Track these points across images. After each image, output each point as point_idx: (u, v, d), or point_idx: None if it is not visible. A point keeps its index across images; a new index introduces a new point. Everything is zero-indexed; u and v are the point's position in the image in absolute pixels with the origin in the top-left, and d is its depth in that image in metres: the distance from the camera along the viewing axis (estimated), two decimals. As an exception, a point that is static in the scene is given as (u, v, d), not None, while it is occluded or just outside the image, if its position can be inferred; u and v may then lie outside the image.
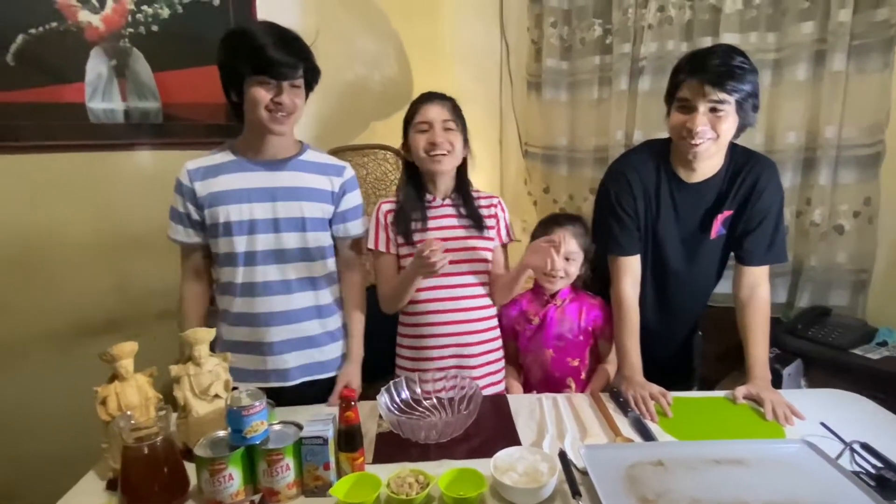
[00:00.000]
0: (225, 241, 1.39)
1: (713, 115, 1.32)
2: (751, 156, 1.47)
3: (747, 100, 1.32)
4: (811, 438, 1.16)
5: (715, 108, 1.32)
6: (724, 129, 1.34)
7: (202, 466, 1.03)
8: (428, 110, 1.47)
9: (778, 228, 1.47)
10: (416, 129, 1.47)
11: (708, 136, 1.34)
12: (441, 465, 1.14)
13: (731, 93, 1.30)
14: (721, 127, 1.33)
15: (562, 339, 1.59)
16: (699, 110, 1.32)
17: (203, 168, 1.39)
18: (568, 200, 2.65)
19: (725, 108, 1.31)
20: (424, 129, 1.46)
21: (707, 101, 1.31)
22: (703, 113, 1.32)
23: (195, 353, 1.20)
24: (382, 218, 1.51)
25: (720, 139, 1.35)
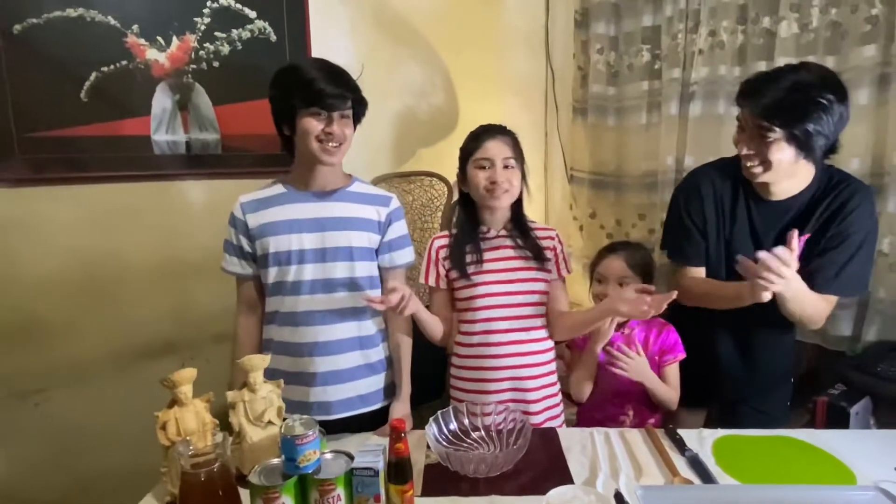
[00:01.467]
0: (274, 270, 1.42)
1: (761, 139, 1.26)
2: (846, 179, 1.37)
3: (808, 137, 1.22)
4: (884, 484, 1.09)
5: (762, 134, 1.26)
6: (777, 159, 1.26)
7: (256, 494, 1.04)
8: (489, 147, 1.46)
9: (854, 258, 1.34)
10: (476, 164, 1.46)
11: (758, 161, 1.27)
12: (492, 501, 1.12)
13: (781, 127, 1.23)
14: (771, 154, 1.26)
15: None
16: (746, 133, 1.28)
17: (255, 201, 1.44)
18: (615, 226, 2.61)
19: (772, 136, 1.24)
20: (485, 165, 1.45)
21: (753, 126, 1.27)
22: (751, 136, 1.27)
23: (250, 380, 1.23)
24: (434, 254, 1.52)
25: (773, 167, 1.27)
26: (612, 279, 1.57)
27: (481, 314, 1.49)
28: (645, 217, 2.45)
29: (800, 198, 1.37)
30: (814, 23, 1.92)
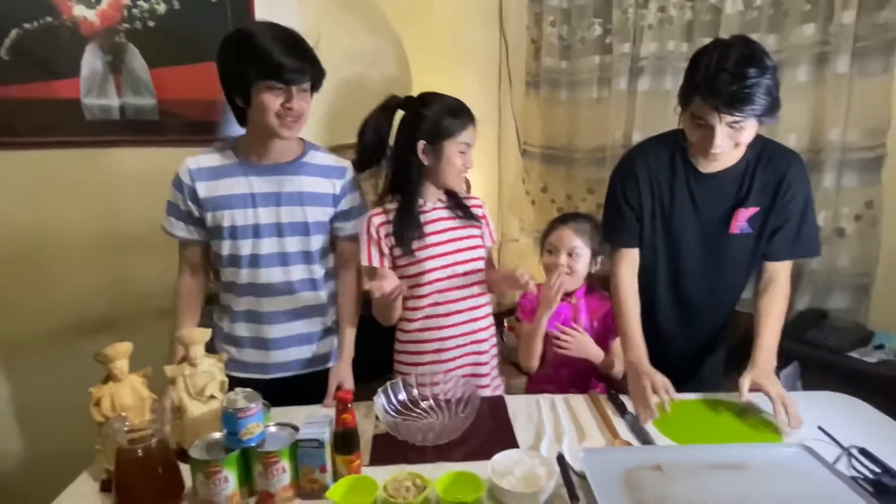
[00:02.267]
0: (229, 243, 1.40)
1: (731, 129, 1.25)
2: (776, 149, 1.40)
3: (767, 111, 1.24)
4: (809, 442, 1.16)
5: (733, 126, 1.24)
6: (745, 137, 1.27)
7: (197, 469, 1.02)
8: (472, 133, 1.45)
9: (804, 222, 1.40)
10: (458, 147, 1.43)
11: (728, 147, 1.28)
12: (438, 467, 1.13)
13: (750, 115, 1.22)
14: (741, 137, 1.26)
15: None
16: (717, 132, 1.25)
17: (205, 169, 1.39)
18: (566, 200, 2.65)
19: (744, 123, 1.24)
20: (464, 150, 1.44)
21: (723, 123, 1.24)
22: (721, 131, 1.25)
23: (191, 354, 1.19)
24: (375, 232, 1.46)
25: (741, 146, 1.30)
26: (563, 249, 1.59)
27: (428, 289, 1.48)
28: (594, 191, 2.50)
29: (736, 168, 1.40)
30: (758, 1, 1.97)
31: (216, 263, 1.46)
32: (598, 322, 1.61)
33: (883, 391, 1.55)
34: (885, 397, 1.46)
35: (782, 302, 1.42)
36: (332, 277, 1.53)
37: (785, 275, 1.44)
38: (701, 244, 1.47)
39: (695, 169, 1.42)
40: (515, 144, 2.84)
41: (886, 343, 1.74)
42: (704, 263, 1.49)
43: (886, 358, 1.69)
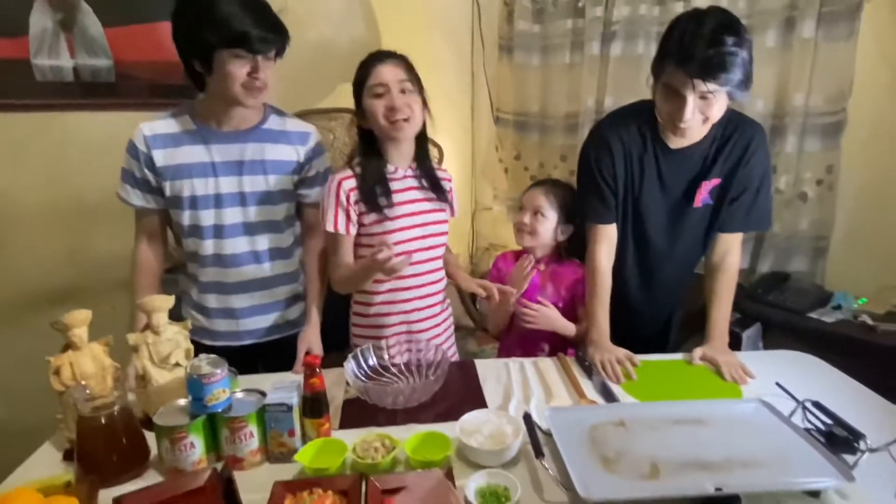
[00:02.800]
0: (190, 214, 1.36)
1: (703, 101, 1.22)
2: (741, 120, 1.40)
3: (739, 85, 1.21)
4: (767, 398, 1.19)
5: (705, 96, 1.22)
6: (715, 113, 1.25)
7: (162, 435, 1.01)
8: (382, 72, 1.34)
9: (759, 195, 1.42)
10: (371, 93, 1.35)
11: (697, 120, 1.26)
12: (408, 429, 1.14)
13: (724, 84, 1.19)
14: (711, 111, 1.24)
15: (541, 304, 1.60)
16: (688, 102, 1.22)
17: (162, 136, 1.33)
18: (539, 168, 2.64)
19: (716, 95, 1.21)
20: (380, 92, 1.34)
21: (696, 92, 1.20)
22: (692, 101, 1.22)
23: (153, 322, 1.17)
24: (345, 197, 1.38)
25: (710, 121, 1.28)
26: (528, 208, 1.61)
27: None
28: (566, 158, 2.49)
29: (703, 144, 1.40)
30: (728, -36, 1.95)
31: (179, 233, 1.42)
32: (566, 290, 1.63)
33: (840, 349, 1.61)
34: (841, 355, 1.52)
35: (733, 279, 1.47)
36: (300, 244, 1.51)
37: (736, 249, 1.48)
38: (667, 218, 1.49)
39: (663, 144, 1.41)
40: (489, 111, 2.80)
41: (844, 303, 1.80)
42: (669, 236, 1.51)
43: (844, 317, 1.76)
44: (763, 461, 0.97)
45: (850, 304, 1.80)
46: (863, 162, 1.87)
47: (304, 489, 0.94)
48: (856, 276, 1.91)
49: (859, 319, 1.71)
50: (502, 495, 0.93)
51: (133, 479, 1.01)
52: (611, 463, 0.98)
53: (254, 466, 1.05)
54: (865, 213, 1.91)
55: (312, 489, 0.93)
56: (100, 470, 0.99)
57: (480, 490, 0.95)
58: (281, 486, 0.95)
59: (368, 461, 1.00)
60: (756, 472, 0.95)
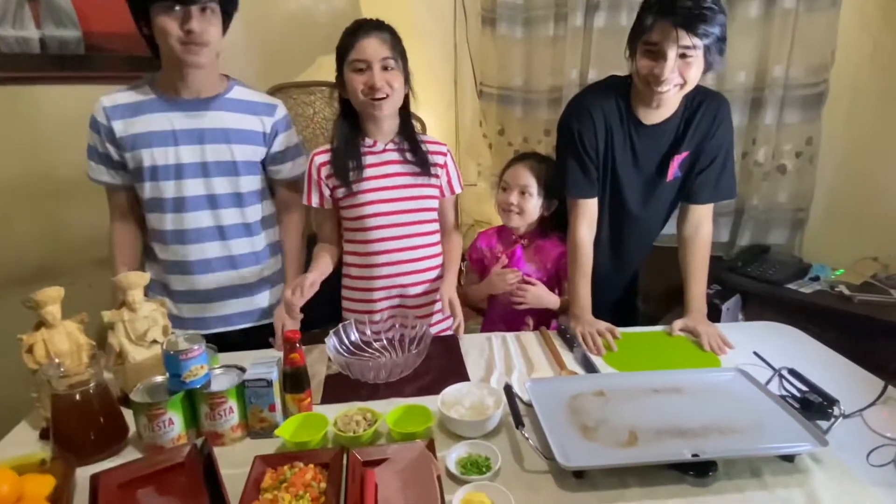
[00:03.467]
0: (151, 185, 1.32)
1: (682, 60, 1.25)
2: (706, 94, 1.42)
3: (716, 44, 1.25)
4: (744, 367, 1.21)
5: (684, 55, 1.24)
6: (692, 76, 1.28)
7: (139, 412, 1.00)
8: (364, 46, 1.30)
9: (725, 166, 1.45)
10: (352, 67, 1.31)
11: (675, 83, 1.28)
12: (390, 403, 1.14)
13: (703, 37, 1.21)
14: (689, 73, 1.27)
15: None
16: (669, 56, 1.24)
17: (122, 106, 1.29)
18: (522, 143, 2.62)
19: (695, 54, 1.24)
20: (361, 67, 1.30)
21: (677, 47, 1.23)
22: (673, 59, 1.24)
23: (129, 299, 1.15)
24: (316, 172, 1.39)
25: (687, 86, 1.29)
26: (514, 187, 1.58)
27: (373, 234, 1.42)
28: (550, 133, 2.47)
29: (673, 119, 1.41)
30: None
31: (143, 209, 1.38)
32: (551, 264, 1.62)
33: (817, 319, 1.65)
34: (819, 325, 1.56)
35: (707, 252, 1.51)
36: (270, 225, 1.46)
37: (708, 221, 1.51)
38: (641, 191, 1.51)
39: (636, 120, 1.42)
40: (472, 85, 2.76)
41: (822, 275, 1.83)
42: (642, 210, 1.53)
43: (821, 288, 1.78)
44: (739, 428, 0.99)
45: (827, 276, 1.83)
46: (843, 134, 1.88)
47: (284, 463, 0.93)
48: (833, 248, 1.94)
49: (836, 290, 1.74)
50: (483, 465, 0.94)
51: (111, 457, 1.01)
52: (590, 431, 0.99)
53: (234, 442, 1.05)
54: (844, 185, 1.92)
55: (293, 463, 0.93)
56: (76, 448, 0.98)
57: (461, 460, 0.95)
58: (261, 461, 0.94)
59: (350, 434, 1.00)
60: (732, 438, 0.96)
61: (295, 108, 2.22)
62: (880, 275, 1.80)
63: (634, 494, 0.89)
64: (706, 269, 1.51)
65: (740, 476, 0.92)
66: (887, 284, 1.74)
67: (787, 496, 0.88)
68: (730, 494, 0.89)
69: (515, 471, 0.95)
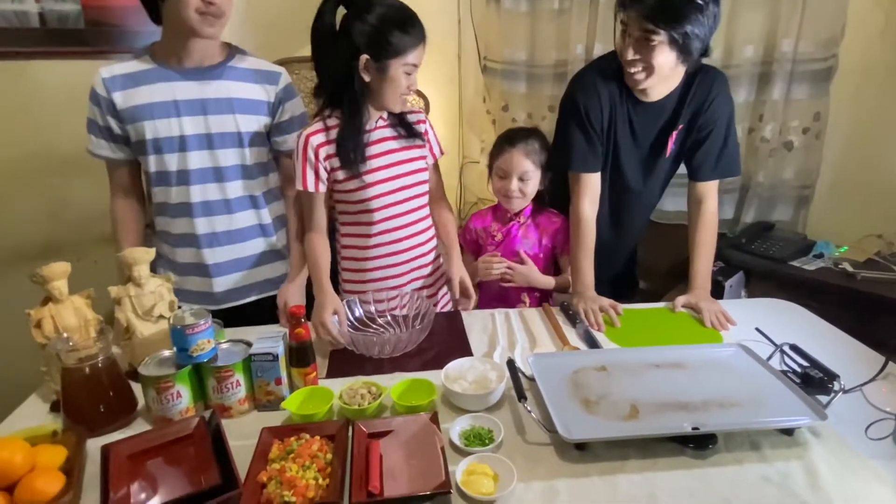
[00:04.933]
0: (155, 158, 1.31)
1: (645, 44, 1.25)
2: (702, 68, 1.41)
3: (685, 38, 1.23)
4: (746, 342, 1.22)
5: (647, 38, 1.24)
6: (659, 62, 1.27)
7: (148, 385, 1.01)
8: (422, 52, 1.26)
9: (727, 142, 1.44)
10: (403, 69, 1.25)
11: (641, 66, 1.29)
12: (394, 377, 1.16)
13: (664, 30, 1.22)
14: (655, 59, 1.26)
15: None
16: (633, 37, 1.26)
17: (121, 77, 1.27)
18: (527, 119, 2.60)
19: (656, 39, 1.24)
20: (409, 72, 1.27)
21: (639, 30, 1.25)
22: (636, 41, 1.26)
23: (135, 274, 1.16)
24: (313, 154, 1.31)
25: (655, 71, 1.29)
26: (514, 174, 1.54)
27: (378, 215, 1.39)
28: (554, 108, 2.44)
29: (671, 97, 1.41)
30: None
31: (147, 184, 1.37)
32: (547, 239, 1.62)
33: (820, 296, 1.65)
34: (821, 302, 1.56)
35: (713, 230, 1.50)
36: (276, 197, 1.46)
37: (712, 197, 1.49)
38: (640, 169, 1.51)
39: (635, 98, 1.42)
40: (475, 60, 2.73)
41: (825, 252, 1.82)
42: (642, 185, 1.54)
43: (824, 265, 1.78)
44: (739, 401, 1.00)
45: (831, 253, 1.82)
46: (850, 110, 1.86)
47: (291, 435, 0.95)
48: (837, 225, 1.93)
49: (840, 267, 1.74)
50: (486, 437, 0.95)
51: (121, 429, 1.03)
52: (591, 405, 1.00)
53: (242, 414, 1.07)
54: (851, 161, 1.91)
55: (300, 434, 0.95)
56: (87, 420, 1.00)
57: (465, 433, 0.97)
58: (268, 432, 0.96)
59: (355, 407, 1.01)
60: (732, 412, 0.97)
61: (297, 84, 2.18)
62: (884, 252, 1.79)
63: (635, 466, 0.90)
64: (712, 247, 1.50)
65: (739, 448, 0.93)
66: (891, 261, 1.74)
67: (785, 469, 0.89)
68: (729, 467, 0.90)
69: (518, 443, 0.96)
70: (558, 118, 1.55)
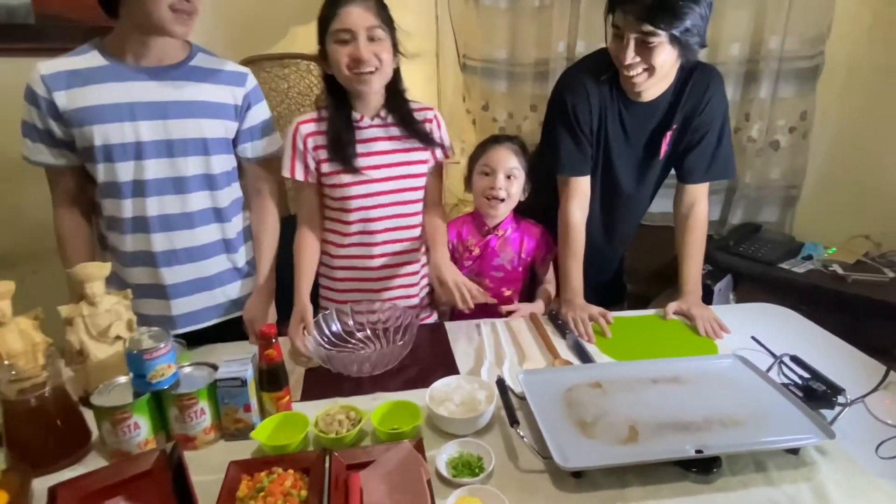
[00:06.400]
0: (105, 167, 1.16)
1: (644, 46, 1.19)
2: (697, 66, 1.35)
3: (685, 35, 1.18)
4: (743, 352, 1.18)
5: (645, 41, 1.18)
6: (660, 62, 1.22)
7: (102, 417, 0.92)
8: (348, 14, 1.17)
9: (721, 143, 1.39)
10: (336, 38, 1.19)
11: (642, 68, 1.23)
12: (375, 398, 1.08)
13: (663, 29, 1.16)
14: (655, 59, 1.21)
15: (500, 269, 1.53)
16: (630, 41, 1.19)
17: (65, 74, 1.13)
18: (508, 119, 2.53)
19: (656, 41, 1.18)
20: (345, 38, 1.18)
21: (636, 33, 1.18)
22: (635, 43, 1.19)
23: (87, 292, 1.05)
24: (301, 143, 1.27)
25: (656, 71, 1.23)
26: (500, 170, 1.46)
27: (354, 215, 1.32)
28: (536, 108, 2.39)
29: (665, 96, 1.36)
30: None
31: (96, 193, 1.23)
32: (526, 253, 1.54)
33: (810, 299, 1.61)
34: (812, 305, 1.52)
35: (703, 233, 1.45)
36: (241, 209, 1.34)
37: (703, 201, 1.45)
38: (634, 172, 1.46)
39: (626, 97, 1.36)
40: (455, 59, 2.66)
41: (814, 254, 1.79)
42: (635, 189, 1.49)
43: (814, 268, 1.75)
44: (742, 419, 0.94)
45: (819, 255, 1.80)
46: (838, 108, 1.84)
47: (261, 469, 0.87)
48: (825, 226, 1.90)
49: (830, 269, 1.71)
50: (475, 465, 0.88)
51: (73, 465, 0.93)
52: (588, 427, 0.93)
53: (208, 444, 0.98)
54: (838, 161, 1.89)
55: (271, 469, 0.87)
56: (33, 456, 0.90)
57: (452, 461, 0.90)
58: (236, 467, 0.88)
59: (332, 435, 0.93)
60: (735, 431, 0.92)
61: (268, 83, 2.10)
62: (872, 252, 1.77)
63: (636, 494, 0.84)
64: (702, 251, 1.45)
65: (744, 471, 0.88)
66: (880, 263, 1.72)
67: (793, 491, 0.84)
68: (734, 491, 0.85)
69: (510, 471, 0.89)
70: (545, 119, 1.49)
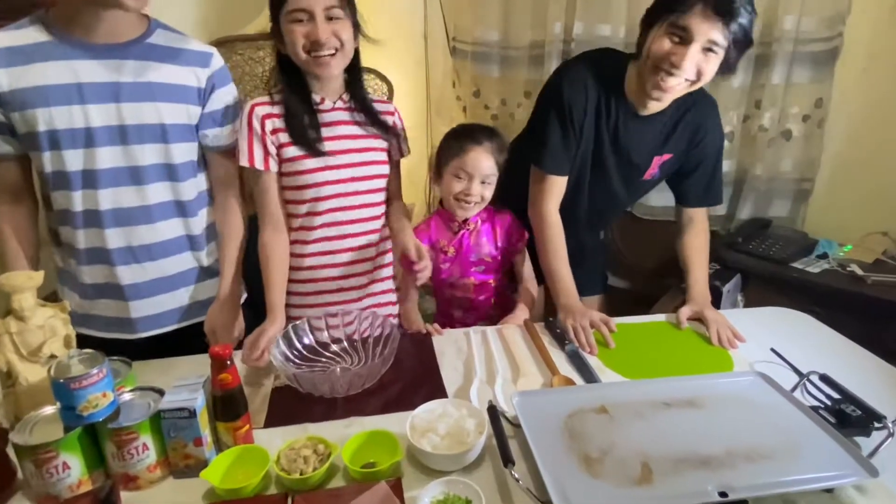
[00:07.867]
0: (52, 155, 1.04)
1: (704, 54, 1.13)
2: (698, 95, 1.28)
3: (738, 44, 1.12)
4: (761, 366, 1.07)
5: (710, 49, 1.12)
6: (709, 72, 1.16)
7: (24, 456, 0.78)
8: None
9: (715, 174, 1.38)
10: (290, 18, 1.08)
11: (688, 76, 1.14)
12: (350, 424, 0.95)
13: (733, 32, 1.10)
14: (707, 68, 1.15)
15: (481, 263, 1.40)
16: (695, 45, 1.11)
17: (4, 50, 1.00)
18: (500, 106, 2.39)
19: (719, 51, 1.13)
20: (301, 18, 1.08)
21: (705, 38, 1.10)
22: (698, 49, 1.12)
23: (14, 306, 0.91)
24: (259, 124, 1.15)
25: (699, 83, 1.17)
26: (477, 177, 1.31)
27: (323, 205, 1.20)
28: (531, 95, 2.25)
29: (666, 113, 1.29)
30: None
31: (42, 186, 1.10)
32: (502, 240, 1.41)
33: (826, 301, 1.50)
34: (826, 307, 1.42)
35: (705, 238, 1.42)
36: (206, 202, 1.21)
37: (703, 215, 1.43)
38: (623, 179, 1.40)
39: (627, 107, 1.28)
40: (444, 42, 2.50)
41: (829, 251, 1.67)
42: (626, 191, 1.43)
43: (829, 267, 1.62)
44: (769, 452, 0.82)
45: (835, 253, 1.67)
46: (856, 95, 1.71)
47: (210, 519, 0.74)
48: (840, 222, 1.78)
49: (848, 270, 1.59)
50: (463, 511, 0.76)
51: (-9, 512, 0.79)
52: (594, 464, 0.81)
53: (153, 484, 0.84)
54: (854, 152, 1.76)
55: (222, 518, 0.73)
56: (-59, 504, 0.76)
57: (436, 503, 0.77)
58: (181, 518, 0.74)
59: (296, 476, 0.80)
60: (763, 467, 0.80)
61: (241, 66, 1.94)
62: (891, 251, 1.65)
63: (651, 546, 0.72)
64: (706, 253, 1.40)
65: (773, 513, 0.76)
66: (901, 262, 1.60)
67: (831, 539, 0.72)
68: (764, 540, 0.73)
69: (503, 516, 0.77)
70: (537, 105, 1.38)
